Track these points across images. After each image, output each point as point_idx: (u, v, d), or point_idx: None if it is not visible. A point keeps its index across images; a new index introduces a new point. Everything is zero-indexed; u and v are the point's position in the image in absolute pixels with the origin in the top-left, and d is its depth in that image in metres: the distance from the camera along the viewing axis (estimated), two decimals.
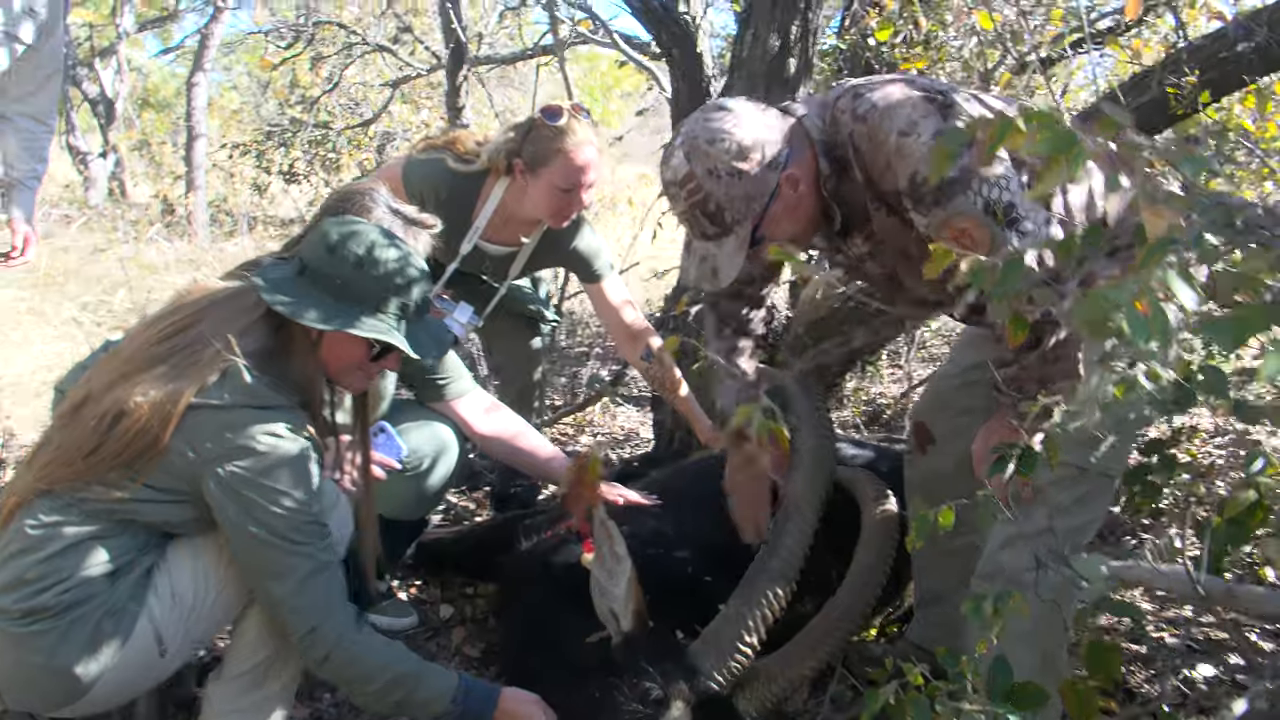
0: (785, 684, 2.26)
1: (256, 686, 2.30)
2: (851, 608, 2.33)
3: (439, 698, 2.21)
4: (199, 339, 2.11)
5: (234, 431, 2.06)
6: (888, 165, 2.07)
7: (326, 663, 2.14)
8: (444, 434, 3.04)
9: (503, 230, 3.35)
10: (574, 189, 3.14)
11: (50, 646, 2.02)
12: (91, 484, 2.06)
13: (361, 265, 2.18)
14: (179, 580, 2.17)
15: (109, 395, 2.07)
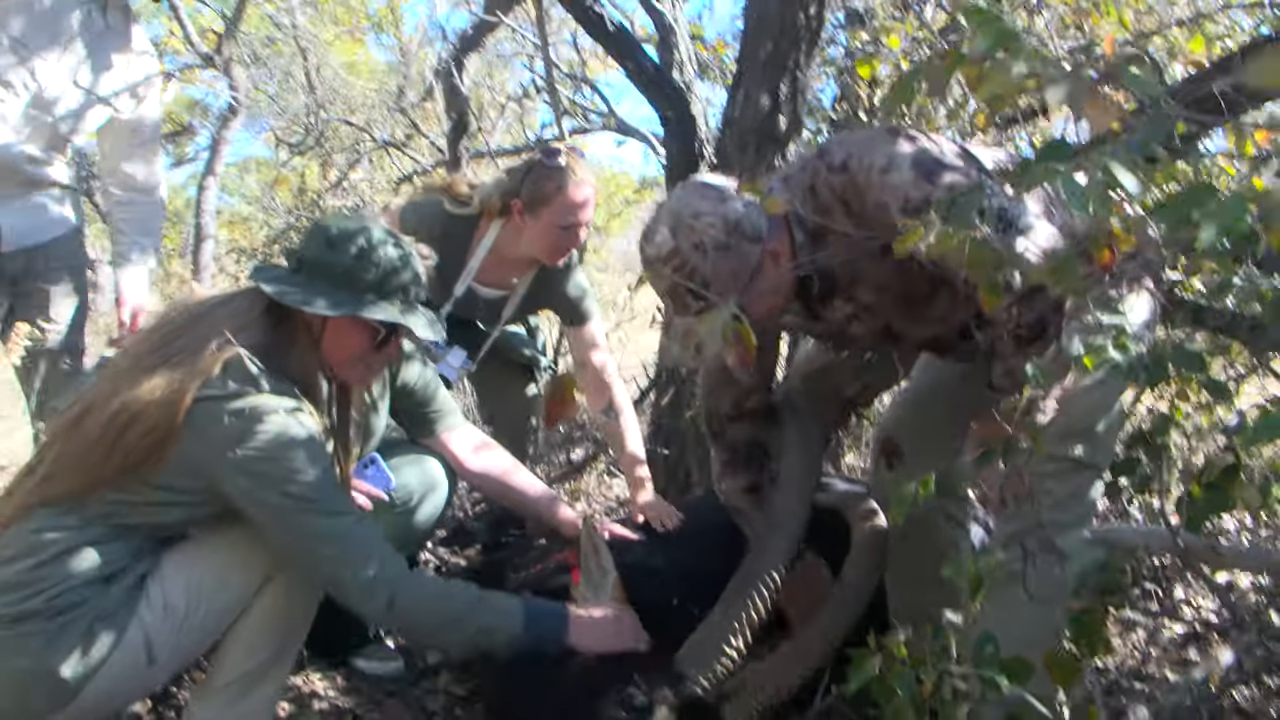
0: (772, 692, 2.23)
1: (242, 697, 2.28)
2: (838, 618, 2.30)
3: (509, 621, 2.25)
4: (200, 339, 2.14)
5: (241, 418, 2.07)
6: (879, 204, 2.08)
7: (393, 609, 2.14)
8: (434, 470, 3.03)
9: (496, 272, 3.40)
10: (573, 227, 3.21)
11: (38, 649, 2.00)
12: (98, 490, 2.07)
13: (363, 256, 2.23)
14: (172, 590, 2.15)
15: (113, 401, 2.08)
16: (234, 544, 2.22)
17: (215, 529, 2.24)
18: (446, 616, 2.19)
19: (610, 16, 4.24)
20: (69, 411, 2.16)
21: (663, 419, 4.16)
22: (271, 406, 2.11)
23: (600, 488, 5.12)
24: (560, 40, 7.45)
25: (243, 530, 2.21)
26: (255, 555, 2.22)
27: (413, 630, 2.23)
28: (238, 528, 2.22)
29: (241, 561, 2.22)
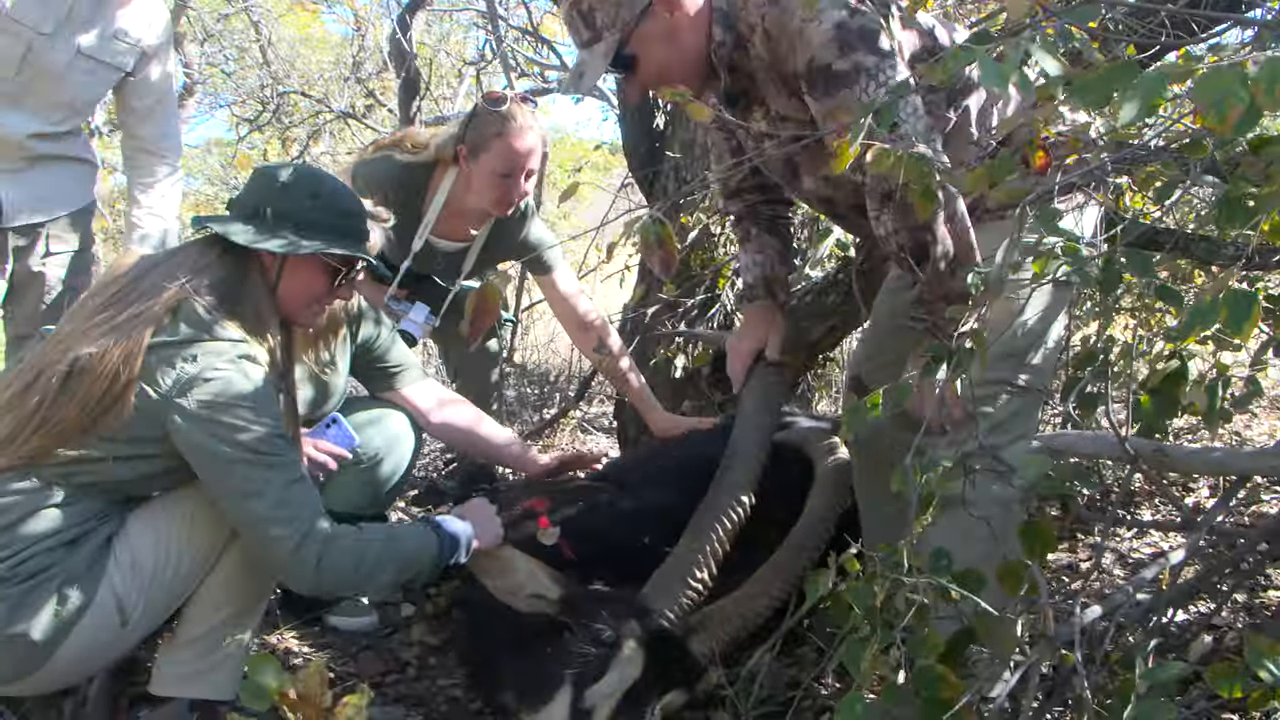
0: (740, 623, 2.24)
1: (210, 651, 2.29)
2: (803, 547, 2.32)
3: (426, 547, 2.25)
4: (152, 287, 2.12)
5: (191, 362, 2.06)
6: (791, 48, 2.10)
7: (322, 566, 2.12)
8: (397, 425, 3.03)
9: (453, 225, 3.38)
10: (513, 174, 3.18)
11: (6, 614, 1.99)
12: (58, 449, 2.05)
13: (318, 196, 2.25)
14: (139, 549, 2.15)
15: (66, 357, 2.06)
16: (199, 502, 2.20)
17: (178, 488, 2.24)
18: (369, 565, 2.17)
19: None
20: (14, 380, 2.13)
21: None
22: (221, 352, 2.10)
23: (573, 443, 5.14)
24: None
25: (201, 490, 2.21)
26: (216, 514, 2.21)
27: (338, 585, 2.21)
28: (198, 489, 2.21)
29: (207, 518, 2.21)
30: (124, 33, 3.34)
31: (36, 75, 3.21)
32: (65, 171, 3.44)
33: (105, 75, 3.36)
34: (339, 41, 10.82)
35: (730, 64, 2.24)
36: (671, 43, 2.20)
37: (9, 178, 3.29)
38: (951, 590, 1.58)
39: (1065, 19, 1.13)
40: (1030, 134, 1.58)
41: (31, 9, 3.15)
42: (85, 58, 3.27)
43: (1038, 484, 1.71)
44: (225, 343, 2.11)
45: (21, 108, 3.25)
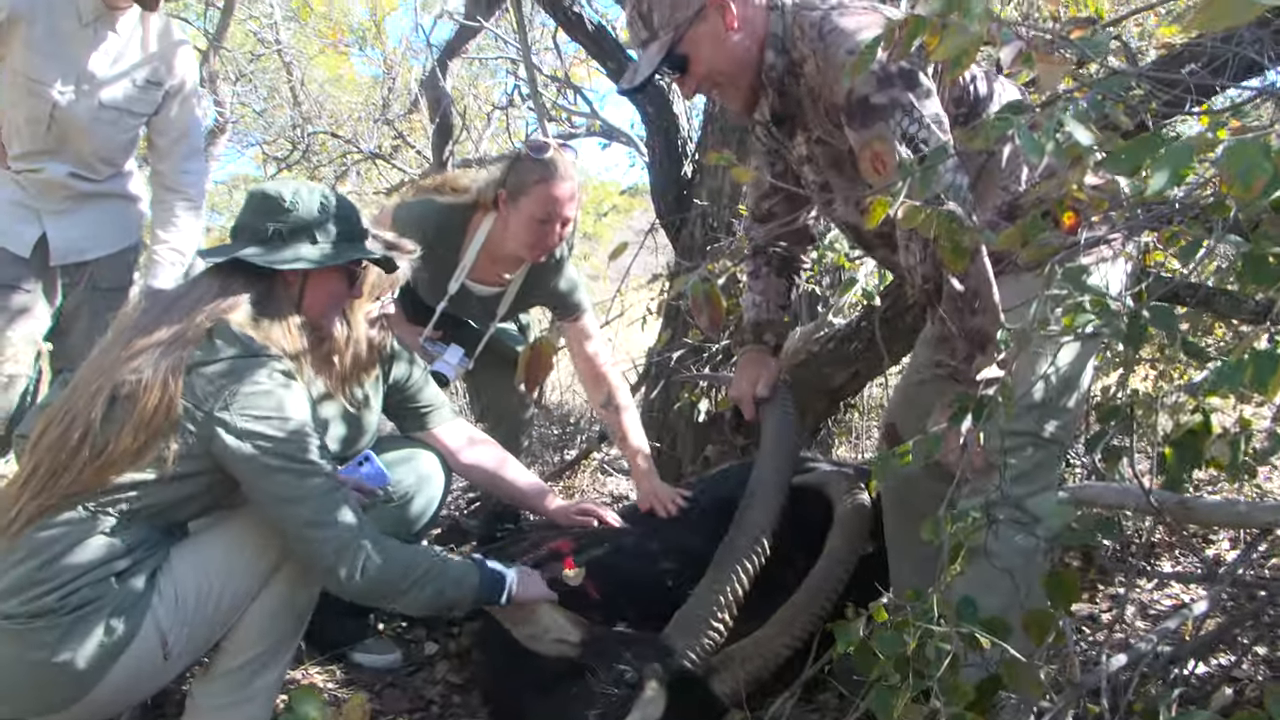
0: (761, 663, 2.26)
1: (244, 684, 2.32)
2: (822, 588, 2.34)
3: (468, 578, 2.31)
4: (182, 315, 2.19)
5: (230, 378, 2.13)
6: (835, 79, 2.18)
7: (365, 573, 2.17)
8: (428, 464, 3.06)
9: (489, 269, 3.43)
10: (550, 220, 3.23)
11: (54, 642, 2.03)
12: (107, 478, 2.09)
13: (324, 208, 2.33)
14: (183, 583, 2.19)
15: (104, 391, 2.11)
16: (240, 537, 2.26)
17: (220, 523, 2.30)
18: (412, 578, 2.23)
19: (589, 17, 4.30)
20: (55, 418, 2.16)
21: (653, 413, 4.21)
22: (259, 366, 2.16)
23: (594, 485, 5.17)
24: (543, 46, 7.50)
25: (247, 523, 2.27)
26: (261, 548, 2.27)
27: (379, 594, 2.25)
28: (241, 521, 2.28)
29: (249, 555, 2.26)
30: (146, 79, 3.44)
31: (66, 130, 3.33)
32: (110, 210, 3.53)
33: (130, 121, 3.46)
34: (368, 83, 10.98)
35: (780, 88, 2.35)
36: (722, 47, 2.31)
37: (55, 219, 3.39)
38: (980, 638, 1.62)
39: (1097, 89, 1.18)
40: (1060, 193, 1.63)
41: (51, 70, 3.27)
42: (108, 109, 3.38)
43: (1062, 534, 1.74)
44: (262, 358, 2.18)
45: (61, 158, 3.36)
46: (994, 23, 1.18)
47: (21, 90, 3.27)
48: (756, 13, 2.33)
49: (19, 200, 3.38)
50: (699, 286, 1.65)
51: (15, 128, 3.33)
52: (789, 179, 2.55)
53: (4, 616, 2.04)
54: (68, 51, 3.29)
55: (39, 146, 3.33)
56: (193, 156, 3.65)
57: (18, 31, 3.22)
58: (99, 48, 3.33)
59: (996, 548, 1.84)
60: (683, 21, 2.29)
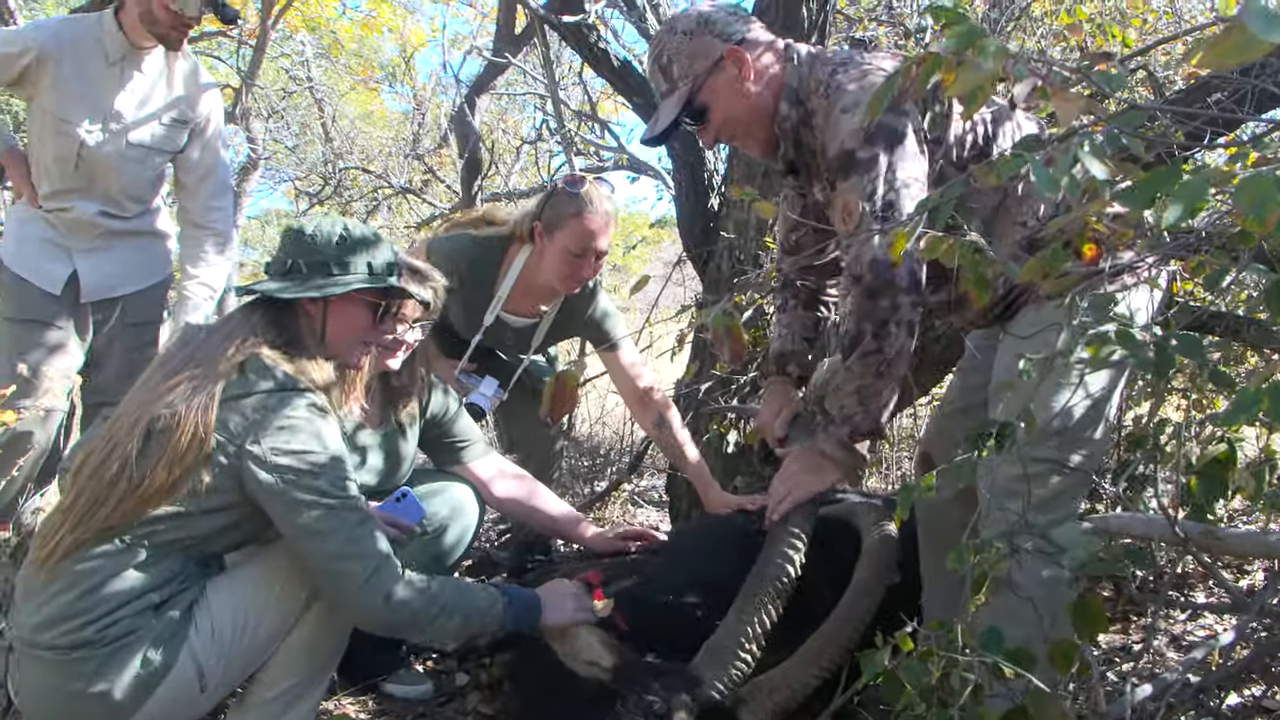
0: (789, 694, 2.26)
1: (279, 715, 2.36)
2: (850, 619, 2.34)
3: (493, 606, 2.32)
4: (213, 350, 2.23)
5: (262, 412, 2.16)
6: (831, 135, 2.28)
7: (391, 602, 2.20)
8: (462, 497, 3.09)
9: (523, 301, 3.47)
10: (585, 254, 3.28)
11: (92, 673, 2.07)
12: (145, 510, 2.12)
13: (345, 242, 2.36)
14: (219, 616, 2.23)
15: (140, 425, 2.15)
16: (275, 571, 2.30)
17: (256, 557, 2.34)
18: (437, 608, 2.25)
19: (615, 53, 4.35)
20: (91, 454, 2.20)
21: None
22: (290, 400, 2.20)
23: (625, 516, 5.18)
24: (570, 81, 7.58)
25: (282, 557, 2.30)
26: (297, 582, 2.30)
27: (406, 625, 2.26)
28: (277, 555, 2.31)
29: (284, 588, 2.30)
30: (172, 118, 3.51)
31: (94, 169, 3.40)
32: (140, 247, 3.60)
33: (157, 159, 3.53)
34: (399, 118, 11.11)
35: (795, 138, 2.41)
36: (739, 97, 2.39)
37: (86, 256, 3.46)
38: (1005, 668, 1.62)
39: (1114, 125, 1.20)
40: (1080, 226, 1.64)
41: (79, 109, 3.35)
42: (135, 147, 3.44)
43: (1088, 564, 1.74)
44: (292, 391, 2.21)
45: (90, 196, 3.43)
46: (1009, 59, 1.20)
47: (50, 130, 3.34)
48: (773, 65, 2.40)
49: (49, 238, 3.45)
50: (720, 319, 1.68)
51: (44, 167, 3.40)
52: (814, 214, 2.58)
53: (46, 647, 2.08)
54: (95, 91, 3.36)
55: (68, 185, 3.40)
56: (220, 193, 3.72)
57: (46, 71, 3.29)
58: (125, 87, 3.40)
59: (1020, 578, 1.85)
60: (701, 72, 2.36)
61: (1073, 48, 4.45)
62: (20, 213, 3.51)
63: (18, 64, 3.29)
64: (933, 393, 4.29)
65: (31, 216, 3.47)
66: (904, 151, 2.20)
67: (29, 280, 3.40)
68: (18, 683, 2.14)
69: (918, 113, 2.23)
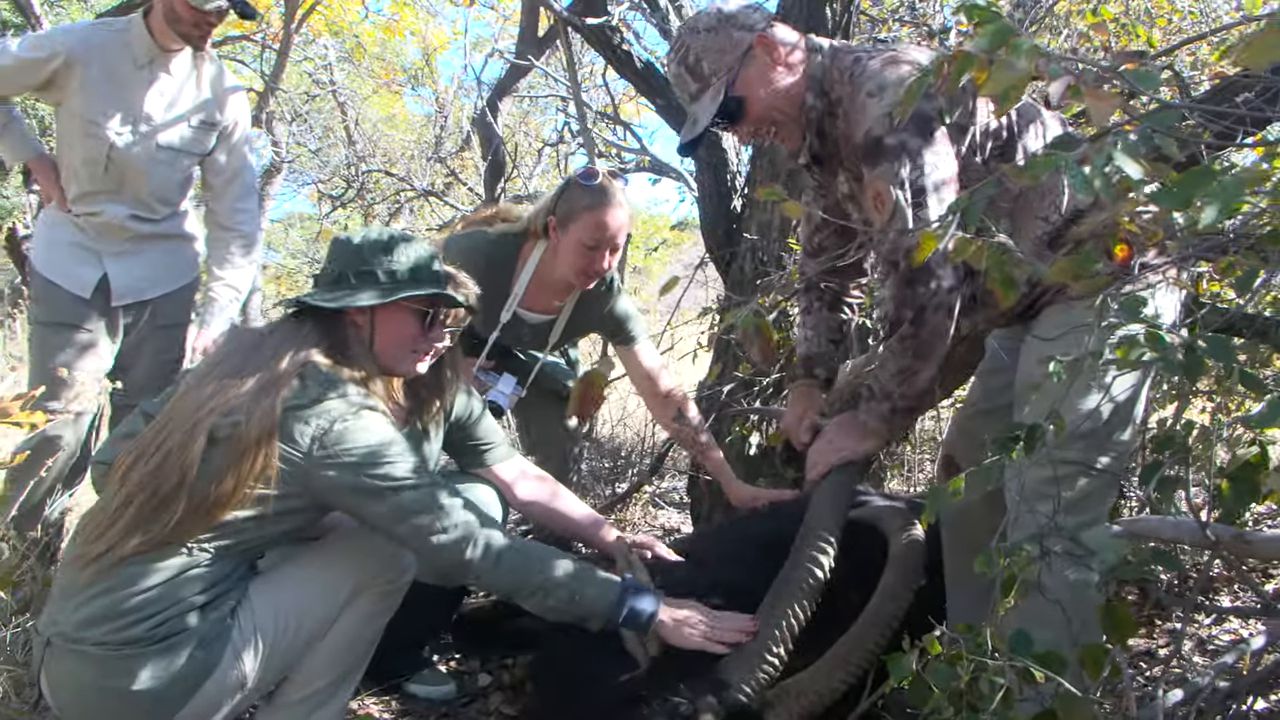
0: (815, 698, 2.25)
1: (307, 715, 2.39)
2: (877, 623, 2.32)
3: (605, 597, 2.31)
4: (267, 359, 2.24)
5: (325, 418, 2.18)
6: (856, 121, 2.27)
7: (501, 561, 2.24)
8: (484, 496, 3.08)
9: (540, 296, 3.47)
10: (599, 247, 3.26)
11: (138, 670, 2.09)
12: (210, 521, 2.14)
13: (390, 250, 2.38)
14: (262, 618, 2.25)
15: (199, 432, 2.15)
16: (315, 574, 2.34)
17: (296, 558, 2.37)
18: (543, 577, 2.26)
19: (638, 54, 4.35)
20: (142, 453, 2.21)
21: None
22: (351, 405, 2.22)
23: (646, 518, 5.18)
24: (592, 83, 7.58)
25: (322, 559, 2.35)
26: (335, 584, 2.34)
27: (514, 588, 2.28)
28: (317, 557, 2.36)
29: (324, 590, 2.33)
30: (201, 120, 3.53)
31: (123, 171, 3.42)
32: (168, 249, 3.62)
33: (185, 162, 3.55)
34: (421, 121, 11.15)
35: (820, 129, 2.41)
36: (773, 84, 2.38)
37: (116, 260, 3.48)
38: (1035, 672, 1.61)
39: (1148, 124, 1.19)
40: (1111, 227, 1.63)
41: (108, 112, 3.37)
42: (164, 149, 3.47)
43: (1118, 568, 1.73)
44: (351, 398, 2.23)
45: (120, 199, 3.45)
46: (1042, 58, 1.19)
47: (79, 133, 3.36)
48: (798, 53, 2.39)
49: (79, 242, 3.47)
50: (750, 320, 1.68)
51: (73, 170, 3.43)
52: (837, 214, 2.58)
53: (93, 643, 2.09)
54: (124, 94, 3.38)
55: (97, 188, 3.43)
56: (246, 195, 3.74)
57: (74, 75, 3.32)
58: (154, 89, 3.42)
59: (1049, 581, 1.83)
60: (733, 64, 2.36)
61: (1097, 47, 4.43)
62: (50, 217, 3.54)
63: (46, 68, 3.31)
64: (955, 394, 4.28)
65: (61, 221, 3.50)
66: (932, 137, 2.19)
67: (59, 284, 3.42)
68: (53, 677, 2.15)
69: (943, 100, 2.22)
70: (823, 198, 2.66)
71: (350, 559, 2.38)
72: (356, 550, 2.39)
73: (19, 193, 9.53)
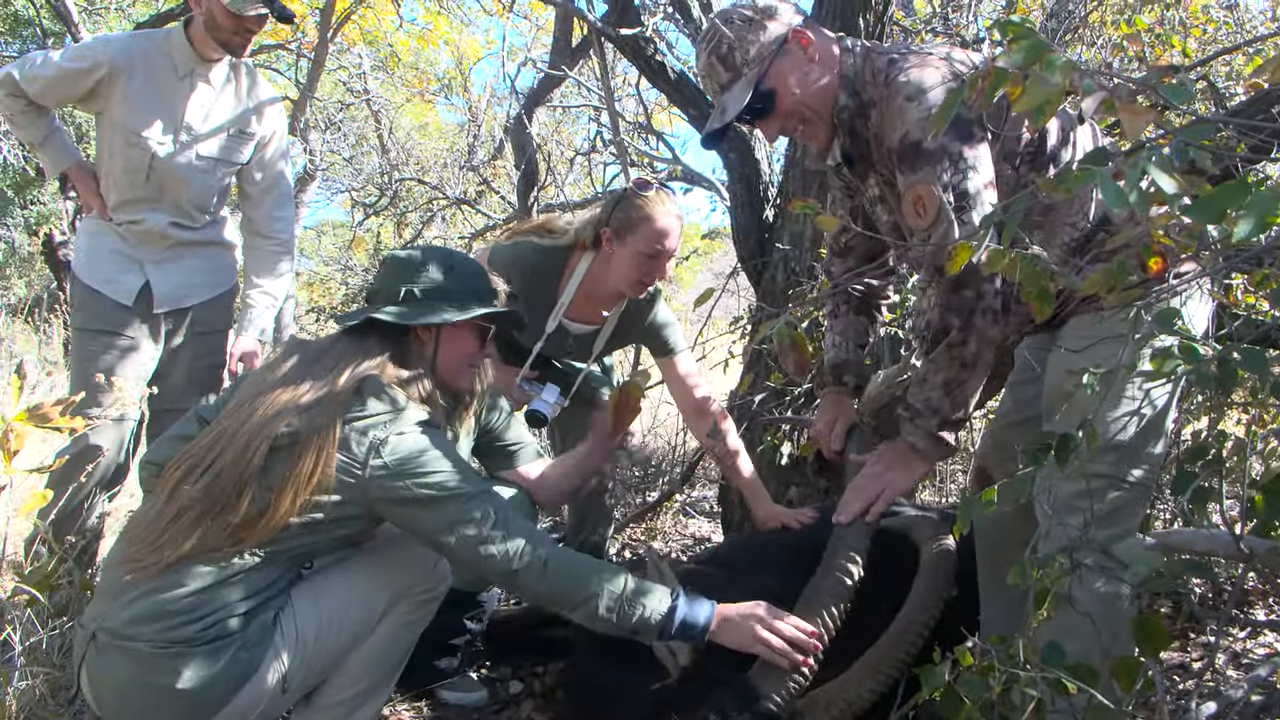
0: (845, 708, 2.25)
1: (347, 718, 2.42)
2: (907, 632, 2.33)
3: (658, 610, 2.28)
4: (327, 371, 2.28)
5: (382, 430, 2.22)
6: (891, 124, 2.25)
7: (547, 571, 2.24)
8: (514, 502, 3.11)
9: (585, 307, 3.50)
10: (658, 256, 3.30)
11: (183, 669, 2.12)
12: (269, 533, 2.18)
13: (453, 268, 2.44)
14: (304, 622, 2.28)
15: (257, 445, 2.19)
16: (358, 580, 2.37)
17: (339, 565, 2.40)
18: (593, 586, 2.26)
19: (672, 65, 4.37)
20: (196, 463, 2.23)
21: None
22: (407, 419, 2.26)
23: (676, 527, 5.18)
24: (625, 93, 7.61)
25: (364, 566, 2.38)
26: (376, 590, 2.38)
27: (561, 599, 2.28)
28: (360, 564, 2.39)
29: (365, 596, 2.37)
30: (239, 129, 3.58)
31: (164, 180, 3.47)
32: (208, 256, 3.67)
33: (224, 170, 3.60)
34: (454, 130, 11.22)
35: (851, 129, 2.39)
36: (805, 79, 2.36)
37: (156, 267, 3.53)
38: (1068, 684, 1.61)
39: (1181, 136, 1.19)
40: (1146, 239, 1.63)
41: (150, 122, 3.42)
42: (204, 159, 3.52)
43: (1150, 581, 1.73)
44: (408, 412, 2.27)
45: (160, 207, 3.51)
46: (1076, 73, 1.20)
47: (120, 142, 3.41)
48: (831, 50, 2.38)
49: (120, 250, 3.52)
50: (784, 331, 1.69)
51: (114, 179, 3.48)
52: (863, 215, 2.58)
53: (144, 640, 2.11)
54: (165, 103, 3.43)
55: (138, 195, 3.47)
56: (283, 204, 3.78)
57: (117, 85, 3.37)
58: (194, 99, 3.47)
59: (1079, 594, 1.83)
60: (767, 55, 2.34)
61: (1132, 58, 4.41)
62: (91, 225, 3.58)
63: (90, 79, 3.36)
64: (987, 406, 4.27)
65: (102, 229, 3.55)
66: (970, 138, 2.17)
67: (101, 291, 3.47)
68: (95, 672, 2.17)
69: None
70: (849, 198, 2.66)
71: (392, 567, 2.41)
72: (398, 558, 2.43)
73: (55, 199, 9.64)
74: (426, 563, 2.44)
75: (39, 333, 10.31)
